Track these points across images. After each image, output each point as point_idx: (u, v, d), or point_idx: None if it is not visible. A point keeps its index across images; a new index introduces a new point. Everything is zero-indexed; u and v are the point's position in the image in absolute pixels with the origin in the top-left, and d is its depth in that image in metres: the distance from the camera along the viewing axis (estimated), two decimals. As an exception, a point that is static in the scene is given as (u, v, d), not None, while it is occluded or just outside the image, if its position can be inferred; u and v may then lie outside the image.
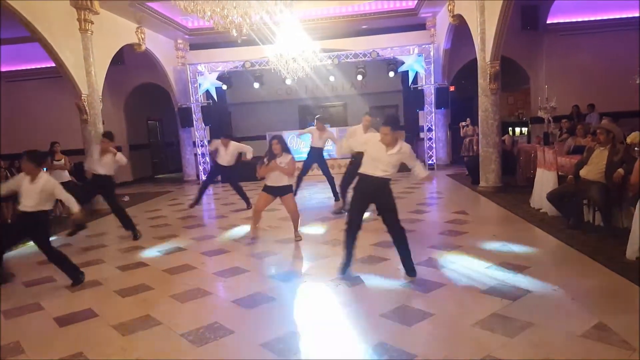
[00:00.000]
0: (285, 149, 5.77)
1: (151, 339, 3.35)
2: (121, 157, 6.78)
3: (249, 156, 8.37)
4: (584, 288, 3.79)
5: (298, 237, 6.03)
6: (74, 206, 4.78)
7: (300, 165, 8.53)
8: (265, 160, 5.79)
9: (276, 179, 5.78)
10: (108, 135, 6.72)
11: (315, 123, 8.60)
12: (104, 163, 6.60)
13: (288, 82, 12.27)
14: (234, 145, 8.54)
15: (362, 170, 4.36)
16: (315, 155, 8.65)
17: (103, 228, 7.69)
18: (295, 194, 8.63)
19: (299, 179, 8.81)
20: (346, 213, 6.49)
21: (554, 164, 6.36)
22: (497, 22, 7.83)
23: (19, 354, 3.25)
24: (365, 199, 4.38)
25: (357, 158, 6.72)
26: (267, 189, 5.87)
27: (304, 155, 9.20)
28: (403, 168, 4.48)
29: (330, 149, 9.47)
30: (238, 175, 8.87)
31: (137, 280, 4.73)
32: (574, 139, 8.09)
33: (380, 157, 4.20)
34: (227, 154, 8.46)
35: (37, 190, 4.58)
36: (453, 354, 2.84)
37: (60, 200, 5.50)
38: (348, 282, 4.23)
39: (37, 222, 4.66)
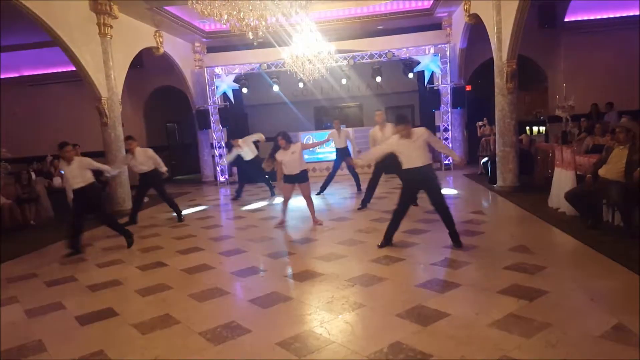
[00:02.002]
0: (289, 141, 6.53)
1: (170, 337, 3.41)
2: None
3: None
4: (602, 289, 3.74)
5: (318, 222, 6.79)
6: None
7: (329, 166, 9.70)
8: (271, 153, 6.61)
9: (291, 168, 6.54)
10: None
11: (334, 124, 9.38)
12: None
13: (301, 85, 12.33)
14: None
15: (405, 166, 5.12)
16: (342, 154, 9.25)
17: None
18: (320, 193, 9.37)
19: (329, 179, 9.53)
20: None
21: (572, 163, 6.27)
22: (514, 21, 7.75)
23: (42, 352, 3.34)
24: (415, 188, 5.33)
25: (380, 162, 7.03)
26: (286, 179, 6.66)
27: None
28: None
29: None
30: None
31: (156, 279, 4.81)
32: (592, 138, 7.97)
33: (410, 148, 5.02)
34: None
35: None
36: (469, 354, 2.83)
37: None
38: (364, 282, 4.25)
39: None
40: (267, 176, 9.81)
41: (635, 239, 4.78)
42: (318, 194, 9.45)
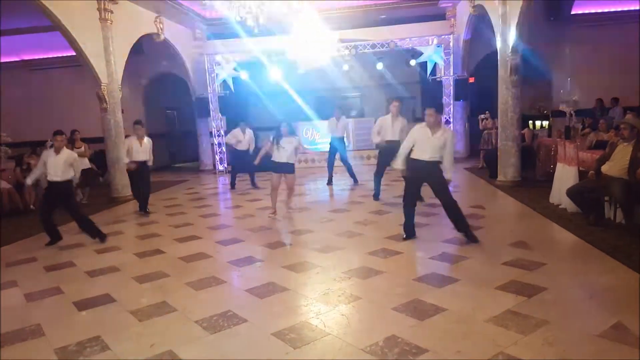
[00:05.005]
0: (292, 132, 6.86)
1: (166, 325, 3.41)
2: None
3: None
4: (602, 286, 3.72)
5: (290, 209, 7.19)
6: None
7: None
8: (272, 139, 6.90)
9: (279, 156, 6.76)
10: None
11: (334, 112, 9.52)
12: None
13: (300, 71, 12.12)
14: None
15: (413, 155, 5.04)
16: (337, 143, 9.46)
17: (121, 215, 7.82)
18: (330, 183, 9.65)
19: (330, 168, 9.68)
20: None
21: (575, 159, 6.22)
22: (519, 13, 7.65)
23: (40, 337, 3.34)
24: (418, 179, 5.12)
25: (383, 148, 7.32)
26: (273, 167, 6.88)
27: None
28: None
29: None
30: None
31: (153, 267, 4.81)
32: (596, 134, 7.91)
33: (426, 141, 4.89)
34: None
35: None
36: (465, 349, 2.81)
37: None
38: (361, 275, 4.23)
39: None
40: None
41: (637, 237, 4.75)
42: (328, 183, 9.67)
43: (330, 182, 9.68)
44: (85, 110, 12.78)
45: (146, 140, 7.60)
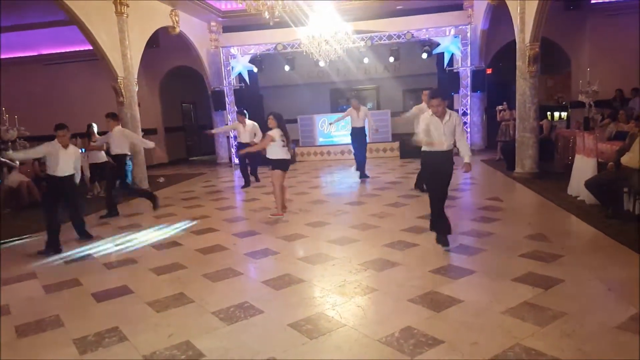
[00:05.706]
0: (280, 126, 6.26)
1: (184, 316, 3.46)
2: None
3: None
4: (621, 279, 3.66)
5: (277, 214, 6.43)
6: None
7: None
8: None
9: (268, 152, 6.35)
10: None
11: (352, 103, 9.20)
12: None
13: (322, 64, 12.08)
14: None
15: (429, 148, 4.66)
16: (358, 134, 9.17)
17: (139, 208, 7.92)
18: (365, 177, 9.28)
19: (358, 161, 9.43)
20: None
21: (594, 150, 6.11)
22: (538, 2, 7.50)
23: (59, 327, 3.41)
24: (439, 172, 4.70)
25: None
26: (270, 164, 6.45)
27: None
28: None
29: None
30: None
31: (171, 259, 4.87)
32: (616, 125, 7.75)
33: (440, 131, 4.56)
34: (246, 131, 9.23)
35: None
36: (482, 341, 2.80)
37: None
38: (376, 267, 4.23)
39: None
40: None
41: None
42: (361, 177, 9.31)
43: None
44: (102, 103, 12.92)
45: (117, 129, 7.11)
